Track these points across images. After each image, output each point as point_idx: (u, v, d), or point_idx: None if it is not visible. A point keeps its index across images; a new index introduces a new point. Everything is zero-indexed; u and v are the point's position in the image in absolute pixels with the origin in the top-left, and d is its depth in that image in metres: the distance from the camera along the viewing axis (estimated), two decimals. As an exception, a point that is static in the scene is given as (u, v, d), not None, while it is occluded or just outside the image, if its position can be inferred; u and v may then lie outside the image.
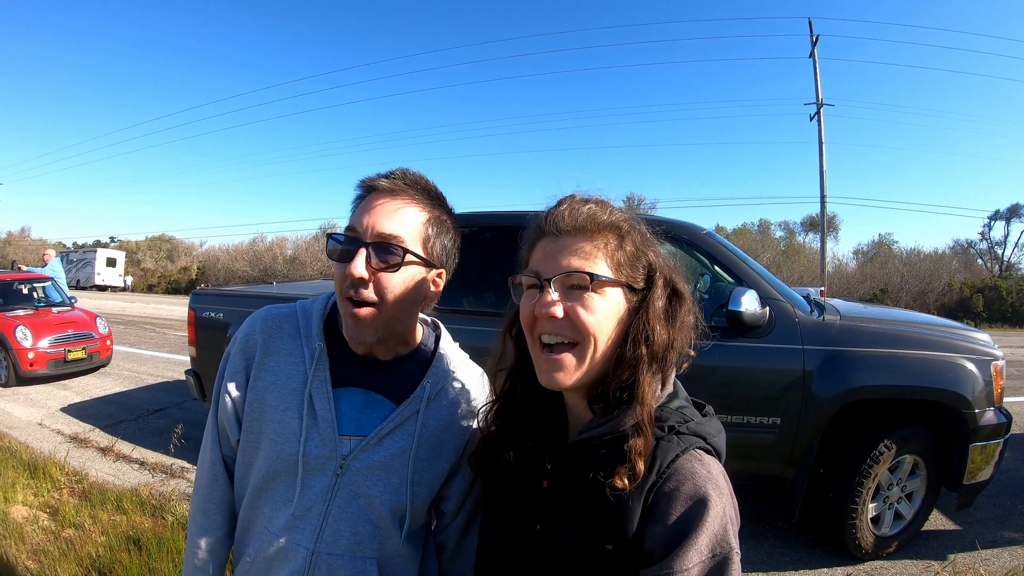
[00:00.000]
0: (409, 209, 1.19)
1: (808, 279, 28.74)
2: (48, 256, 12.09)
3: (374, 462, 1.21)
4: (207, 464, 1.32)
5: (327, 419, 1.20)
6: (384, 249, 1.15)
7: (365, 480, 1.20)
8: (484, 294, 4.26)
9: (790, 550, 3.93)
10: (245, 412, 1.26)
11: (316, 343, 1.25)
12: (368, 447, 1.21)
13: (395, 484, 1.22)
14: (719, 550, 0.84)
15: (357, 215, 1.18)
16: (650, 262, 1.02)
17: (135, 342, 12.86)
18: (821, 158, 24.78)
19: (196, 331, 5.29)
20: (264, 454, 1.22)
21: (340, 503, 1.19)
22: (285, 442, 1.19)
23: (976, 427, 3.52)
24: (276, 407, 1.22)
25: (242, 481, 1.28)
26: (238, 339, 1.31)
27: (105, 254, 42.07)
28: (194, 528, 1.31)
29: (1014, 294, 27.72)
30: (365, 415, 1.23)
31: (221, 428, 1.30)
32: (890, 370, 3.55)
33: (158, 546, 3.47)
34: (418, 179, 1.23)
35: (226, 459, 1.32)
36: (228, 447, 1.31)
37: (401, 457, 1.22)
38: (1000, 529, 4.23)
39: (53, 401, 7.59)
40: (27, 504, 4.28)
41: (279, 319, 1.30)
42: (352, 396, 1.24)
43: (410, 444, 1.23)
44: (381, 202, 1.18)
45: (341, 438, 1.20)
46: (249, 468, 1.26)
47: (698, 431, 0.97)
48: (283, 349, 1.26)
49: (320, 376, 1.22)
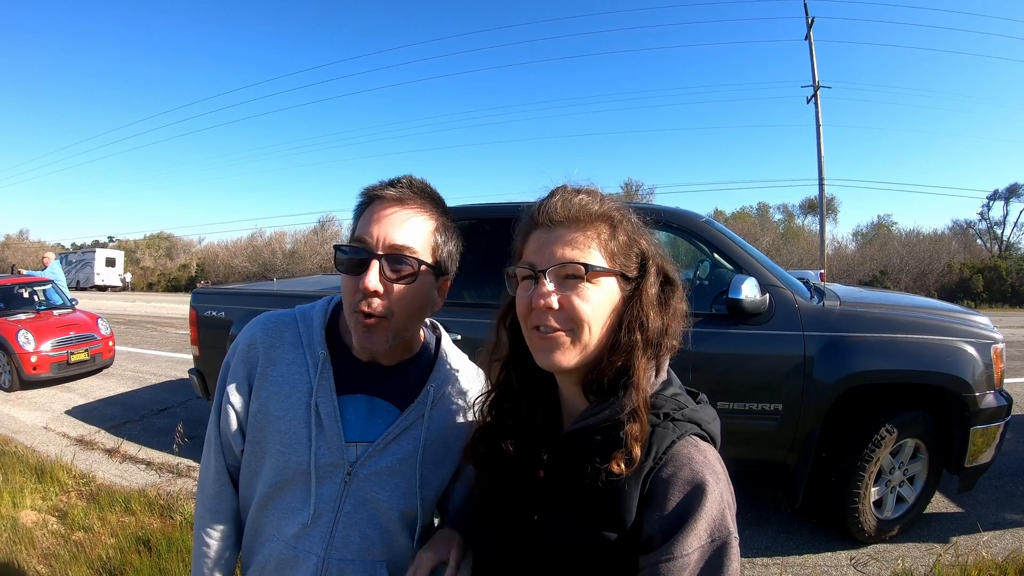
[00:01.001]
0: (418, 218, 1.19)
1: (808, 262, 28.70)
2: (47, 259, 12.07)
3: (381, 467, 1.21)
4: (212, 475, 1.31)
5: (333, 427, 1.20)
6: (397, 260, 1.15)
7: (373, 486, 1.21)
8: (485, 286, 4.26)
9: (793, 535, 3.96)
10: (249, 423, 1.26)
11: (319, 351, 1.25)
12: (375, 453, 1.22)
13: (403, 488, 1.23)
14: (718, 535, 0.86)
15: (365, 225, 1.17)
16: (642, 250, 1.03)
17: (137, 342, 12.86)
18: (819, 141, 24.69)
19: (198, 330, 5.29)
20: (271, 464, 1.22)
21: (349, 509, 1.20)
22: (292, 452, 1.20)
23: (977, 410, 3.53)
24: (281, 417, 1.22)
25: (248, 491, 1.28)
26: (239, 348, 1.30)
27: (104, 254, 42.02)
28: (201, 539, 1.30)
29: (1014, 274, 27.73)
30: (370, 421, 1.24)
31: (224, 439, 1.29)
32: (890, 355, 3.56)
33: (168, 546, 3.50)
34: (424, 186, 1.22)
35: (230, 468, 1.32)
36: (232, 457, 1.31)
37: (408, 461, 1.23)
38: (1002, 511, 4.25)
39: (57, 404, 7.61)
40: (36, 508, 4.30)
41: (279, 327, 1.30)
42: (357, 403, 1.24)
43: (417, 448, 1.24)
44: (390, 212, 1.17)
45: (348, 445, 1.21)
46: (255, 477, 1.26)
47: (693, 417, 0.99)
48: (285, 358, 1.26)
49: (325, 385, 1.22)
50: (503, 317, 1.13)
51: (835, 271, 28.80)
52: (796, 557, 3.70)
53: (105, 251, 43.51)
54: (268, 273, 36.28)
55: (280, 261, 40.01)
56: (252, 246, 44.37)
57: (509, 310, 1.11)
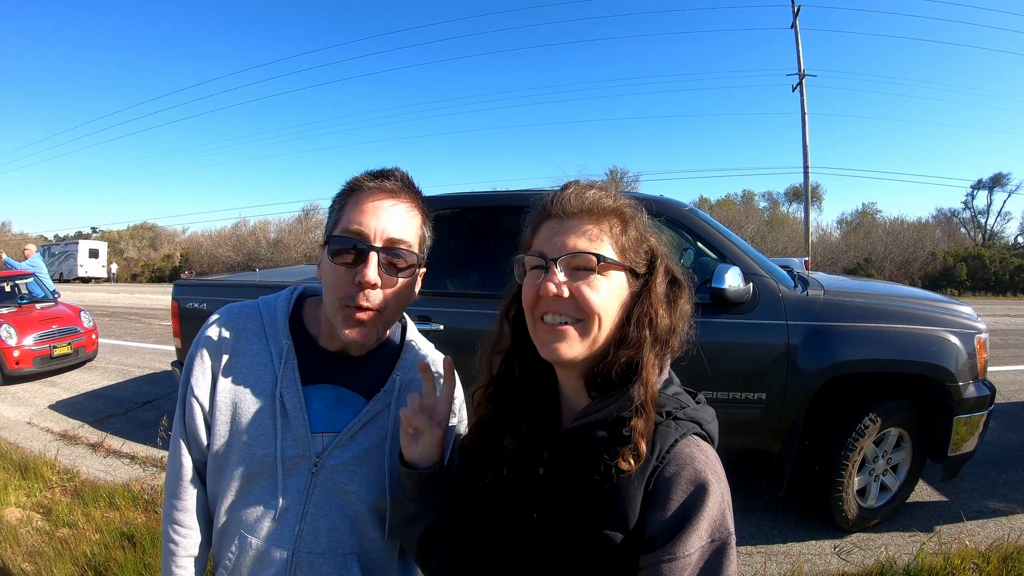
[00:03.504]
0: (411, 212, 1.20)
1: (792, 249, 28.93)
2: (28, 251, 11.91)
3: (348, 458, 1.20)
4: (177, 471, 1.27)
5: (299, 418, 1.19)
6: (395, 254, 1.15)
7: (340, 476, 1.20)
8: (468, 275, 4.24)
9: (777, 523, 4.00)
10: (214, 416, 1.22)
11: (283, 342, 1.23)
12: (341, 443, 1.20)
13: (371, 479, 1.21)
14: (718, 535, 0.86)
15: (358, 216, 1.15)
16: (652, 247, 1.04)
17: (121, 334, 12.78)
18: (804, 128, 24.84)
19: (180, 322, 5.23)
20: (236, 457, 1.20)
21: (317, 501, 1.19)
22: (258, 444, 1.18)
23: (960, 399, 3.57)
24: (246, 409, 1.20)
25: (215, 486, 1.25)
26: (201, 340, 1.27)
27: (87, 245, 41.69)
28: (170, 535, 1.27)
29: (997, 263, 28.07)
30: (337, 411, 1.23)
31: (191, 433, 1.26)
32: (874, 344, 3.59)
33: (152, 542, 3.48)
34: (411, 180, 1.23)
35: (196, 463, 1.28)
36: (198, 451, 1.27)
37: (375, 451, 1.22)
38: (985, 500, 4.30)
39: (41, 399, 7.54)
40: (20, 505, 4.27)
41: (242, 318, 1.28)
42: (323, 393, 1.23)
43: (384, 438, 1.23)
44: (386, 205, 1.16)
45: (314, 436, 1.19)
46: (221, 472, 1.23)
47: (695, 417, 0.99)
48: (249, 349, 1.24)
49: (289, 375, 1.21)
50: (506, 310, 1.13)
51: (820, 259, 29.03)
52: (780, 545, 3.73)
53: (88, 242, 43.16)
54: (253, 263, 36.12)
55: (265, 250, 39.85)
56: (236, 235, 44.17)
57: (513, 302, 1.10)
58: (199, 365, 1.25)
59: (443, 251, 4.41)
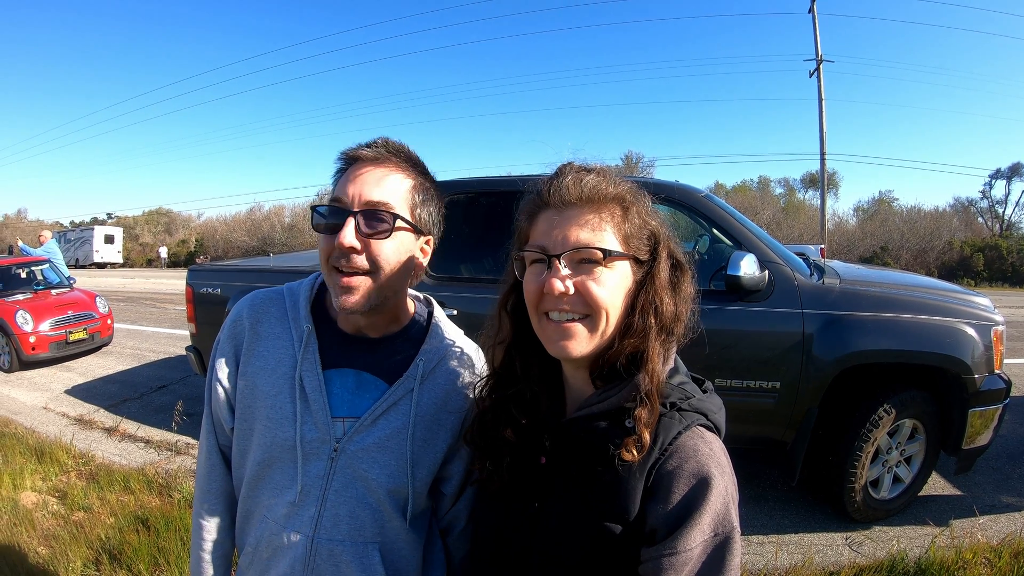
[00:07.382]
0: (394, 176, 1.17)
1: (808, 236, 28.67)
2: (44, 237, 12.03)
3: (369, 443, 1.19)
4: (204, 454, 1.31)
5: (319, 401, 1.18)
6: (373, 216, 1.13)
7: (361, 462, 1.18)
8: (481, 260, 4.23)
9: (790, 512, 3.98)
10: (237, 399, 1.24)
11: (304, 325, 1.23)
12: (362, 428, 1.19)
13: (393, 466, 1.20)
14: (721, 529, 0.85)
15: (341, 186, 1.16)
16: (653, 231, 1.01)
17: (136, 319, 12.89)
18: (821, 115, 24.56)
19: (195, 307, 5.28)
20: (258, 441, 1.20)
21: (337, 487, 1.17)
22: (279, 427, 1.18)
23: (975, 392, 3.52)
24: (268, 392, 1.20)
25: (239, 470, 1.27)
26: (226, 326, 1.29)
27: (103, 231, 41.96)
28: (198, 519, 1.30)
29: (1014, 253, 27.65)
30: (358, 396, 1.21)
31: (215, 417, 1.29)
32: (890, 334, 3.54)
33: (166, 525, 3.52)
34: (400, 147, 1.21)
35: (223, 448, 1.30)
36: (224, 436, 1.29)
37: (397, 437, 1.20)
38: (998, 493, 4.26)
39: (57, 384, 7.62)
40: (36, 489, 4.33)
41: (266, 303, 1.29)
42: (344, 377, 1.22)
43: (406, 424, 1.21)
44: (366, 171, 1.15)
45: (334, 420, 1.18)
46: (245, 455, 1.24)
47: (700, 408, 0.97)
48: (271, 333, 1.24)
49: (310, 358, 1.20)
50: (504, 301, 1.10)
51: (835, 246, 28.75)
52: (792, 535, 3.71)
53: (104, 228, 43.42)
54: (268, 247, 36.27)
55: (279, 235, 40.00)
56: (251, 220, 44.38)
57: (511, 293, 1.08)
58: (222, 350, 1.28)
59: (457, 236, 4.42)
